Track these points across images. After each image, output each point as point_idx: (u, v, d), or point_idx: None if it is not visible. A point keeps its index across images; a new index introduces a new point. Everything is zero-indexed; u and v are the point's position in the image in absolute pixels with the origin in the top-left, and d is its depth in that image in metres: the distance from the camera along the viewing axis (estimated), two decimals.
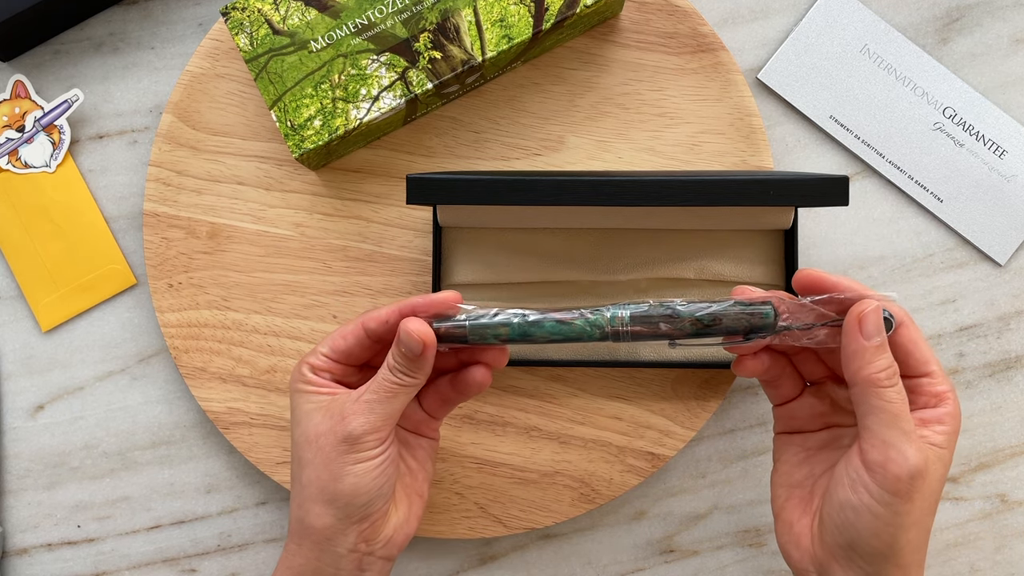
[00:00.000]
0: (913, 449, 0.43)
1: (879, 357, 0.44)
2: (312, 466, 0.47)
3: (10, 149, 0.63)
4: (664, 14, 0.61)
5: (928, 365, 0.46)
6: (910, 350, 0.46)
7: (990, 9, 0.63)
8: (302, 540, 0.47)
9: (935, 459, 0.44)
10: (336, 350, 0.49)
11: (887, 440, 0.43)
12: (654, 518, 0.62)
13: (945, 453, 0.45)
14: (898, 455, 0.43)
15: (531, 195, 0.51)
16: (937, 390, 0.46)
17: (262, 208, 0.61)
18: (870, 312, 0.44)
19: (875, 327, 0.44)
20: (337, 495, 0.46)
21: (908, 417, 0.44)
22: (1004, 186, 0.62)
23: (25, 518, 0.62)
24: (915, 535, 0.44)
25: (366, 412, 0.46)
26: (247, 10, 0.56)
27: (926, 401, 0.46)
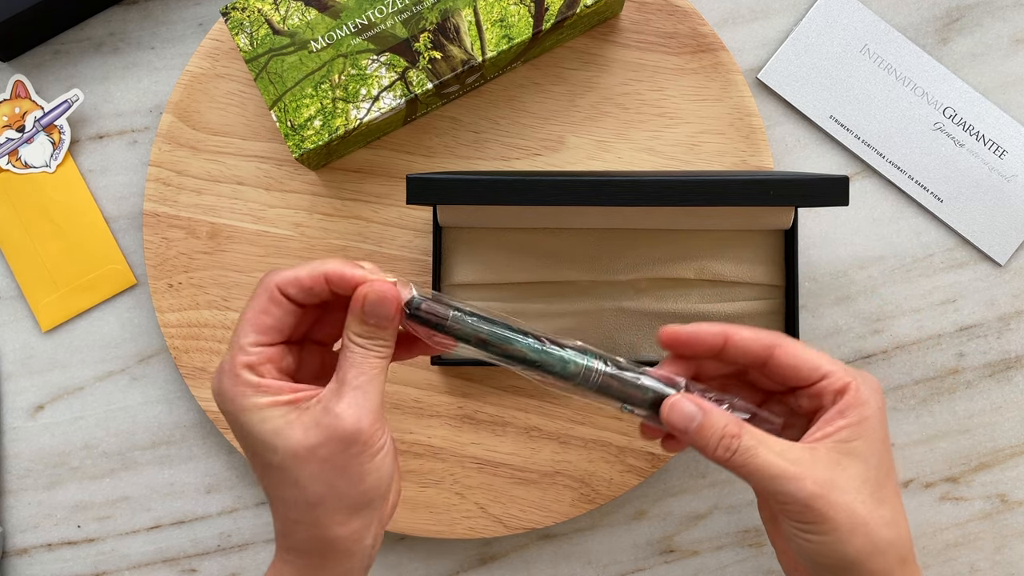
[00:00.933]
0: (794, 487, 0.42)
1: (705, 439, 0.44)
2: (319, 481, 0.42)
3: (10, 149, 0.63)
4: (664, 14, 0.61)
5: (818, 370, 0.45)
6: (794, 367, 0.46)
7: (990, 9, 0.63)
8: (326, 555, 0.43)
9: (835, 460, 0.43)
10: (264, 330, 0.42)
11: (767, 490, 0.43)
12: (654, 518, 0.62)
13: (855, 445, 0.44)
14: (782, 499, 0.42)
15: (531, 195, 0.51)
16: (837, 387, 0.45)
17: (262, 208, 0.61)
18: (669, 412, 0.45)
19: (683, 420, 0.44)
20: (363, 498, 0.43)
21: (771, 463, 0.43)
22: (1004, 186, 0.62)
23: (25, 518, 0.62)
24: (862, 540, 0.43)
25: (360, 401, 0.42)
26: (247, 10, 0.56)
27: (832, 400, 0.45)
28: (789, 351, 0.46)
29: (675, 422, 0.44)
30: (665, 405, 0.45)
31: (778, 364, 0.46)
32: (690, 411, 0.44)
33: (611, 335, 0.58)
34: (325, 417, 0.42)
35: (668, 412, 0.45)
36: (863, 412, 0.45)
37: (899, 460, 0.62)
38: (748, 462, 0.43)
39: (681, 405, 0.45)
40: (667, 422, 0.45)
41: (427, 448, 0.60)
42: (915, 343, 0.62)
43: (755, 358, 0.46)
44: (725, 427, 0.44)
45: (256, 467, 0.43)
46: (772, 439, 0.44)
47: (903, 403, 0.62)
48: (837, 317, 0.62)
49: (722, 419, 0.44)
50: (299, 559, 0.43)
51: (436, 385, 0.61)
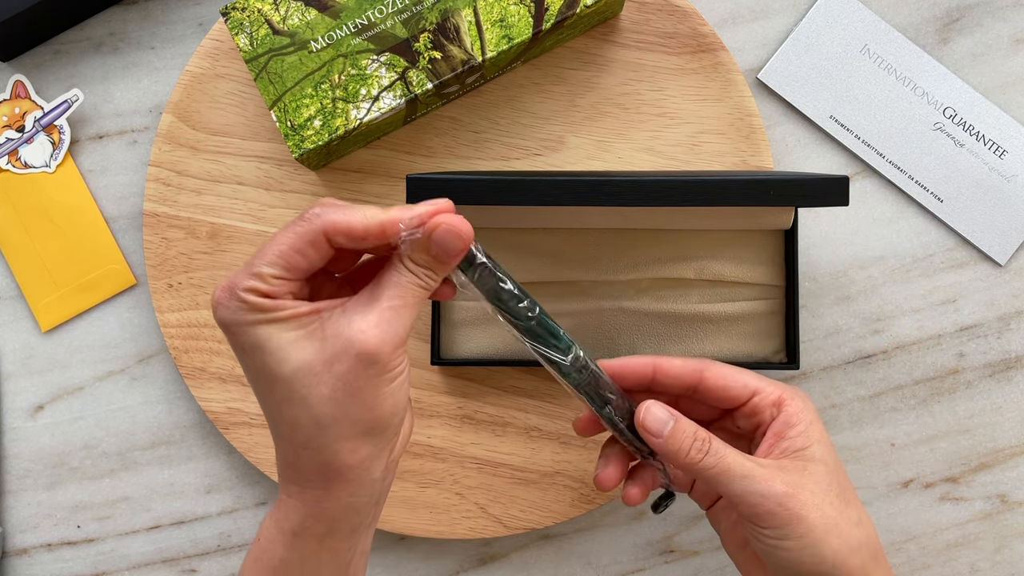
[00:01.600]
0: (764, 485, 0.43)
1: (678, 443, 0.45)
2: (331, 402, 0.39)
3: (10, 149, 0.63)
4: (664, 14, 0.61)
5: (748, 387, 0.47)
6: (724, 387, 0.48)
7: (990, 9, 0.63)
8: (332, 482, 0.40)
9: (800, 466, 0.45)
10: (293, 268, 0.39)
11: (740, 494, 0.44)
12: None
13: (812, 450, 0.45)
14: (758, 499, 0.43)
15: (531, 195, 0.51)
16: (771, 400, 0.47)
17: (262, 208, 0.61)
18: (645, 414, 0.46)
19: (657, 423, 0.46)
20: (376, 424, 0.40)
21: (742, 462, 0.44)
22: (1004, 186, 0.62)
23: (25, 518, 0.62)
24: (837, 540, 0.43)
25: (392, 323, 0.39)
26: (247, 10, 0.56)
27: (771, 414, 0.47)
28: (717, 372, 0.48)
29: (650, 425, 0.46)
30: (641, 408, 0.46)
31: (708, 387, 0.48)
32: (664, 415, 0.46)
33: (611, 335, 0.58)
34: (348, 329, 0.39)
35: (644, 415, 0.46)
36: (808, 418, 0.46)
37: (899, 460, 0.62)
38: (719, 463, 0.44)
39: (655, 409, 0.46)
40: (642, 425, 0.46)
41: (427, 448, 0.60)
42: (915, 343, 0.62)
43: (685, 385, 0.48)
44: (696, 432, 0.45)
45: (262, 386, 0.40)
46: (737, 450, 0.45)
47: (903, 403, 0.62)
48: (837, 317, 0.62)
49: (691, 425, 0.45)
50: (304, 491, 0.41)
51: (436, 385, 0.61)
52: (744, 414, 0.48)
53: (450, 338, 0.59)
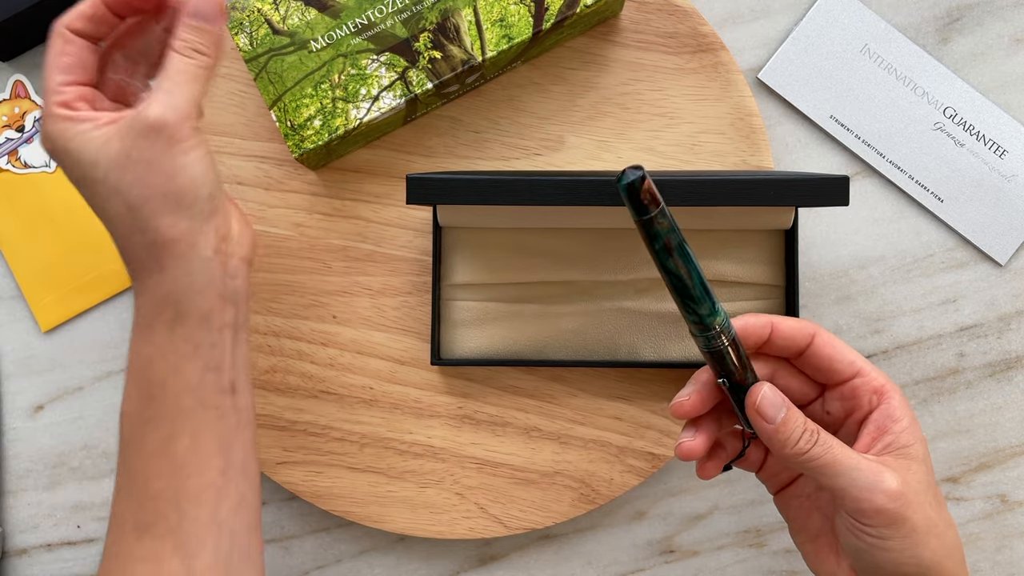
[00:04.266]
0: (873, 479, 0.42)
1: (789, 431, 0.44)
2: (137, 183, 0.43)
3: (10, 149, 0.63)
4: (664, 14, 0.61)
5: (854, 365, 0.46)
6: (830, 356, 0.46)
7: (990, 9, 0.63)
8: (163, 261, 0.44)
9: (905, 465, 0.43)
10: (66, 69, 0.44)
11: (846, 488, 0.43)
12: (654, 518, 0.62)
13: (914, 448, 0.44)
14: (866, 494, 0.42)
15: (531, 195, 0.51)
16: (874, 386, 0.46)
17: (262, 208, 0.61)
18: (761, 399, 0.44)
19: (772, 409, 0.44)
20: (182, 193, 0.43)
21: (847, 456, 0.43)
22: (1004, 186, 0.62)
23: (25, 518, 0.62)
24: (936, 541, 0.43)
25: (168, 99, 0.43)
26: (247, 10, 0.56)
27: (870, 401, 0.46)
28: (826, 340, 0.46)
29: (765, 410, 0.44)
30: (756, 391, 0.45)
31: (816, 353, 0.46)
32: (779, 401, 0.44)
33: (611, 335, 0.58)
34: (136, 120, 0.42)
35: (760, 400, 0.44)
36: (910, 413, 0.45)
37: None
38: (826, 453, 0.43)
39: (771, 394, 0.44)
40: (757, 409, 0.44)
41: (427, 448, 0.60)
42: (915, 343, 0.62)
43: (796, 348, 0.47)
44: (806, 421, 0.44)
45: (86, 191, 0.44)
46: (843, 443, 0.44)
47: None
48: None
49: (801, 414, 0.44)
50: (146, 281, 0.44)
51: (436, 385, 0.61)
52: (841, 395, 0.47)
53: (450, 338, 0.59)
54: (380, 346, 0.61)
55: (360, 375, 0.61)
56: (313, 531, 0.62)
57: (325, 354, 0.61)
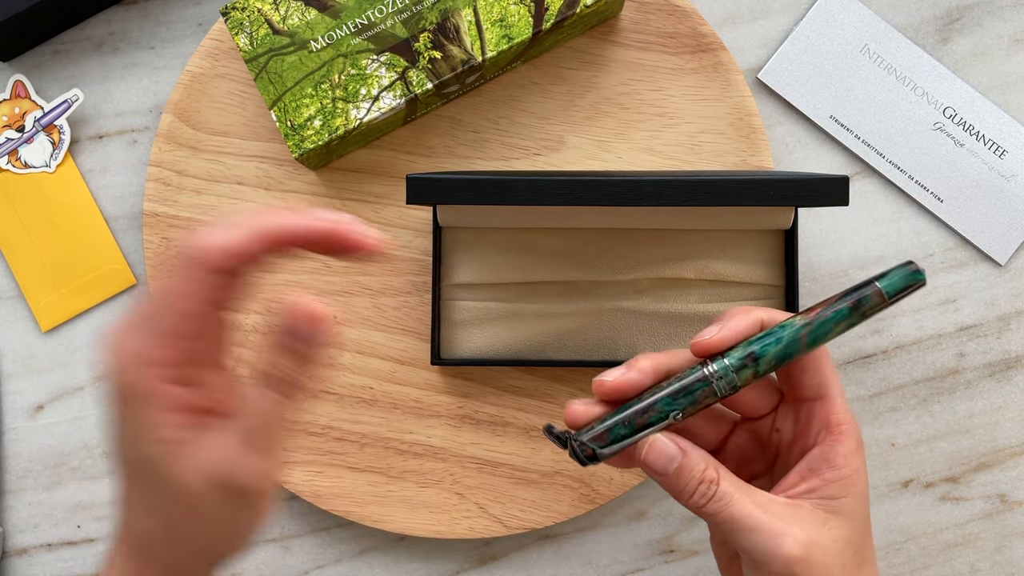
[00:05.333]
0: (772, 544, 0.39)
1: (682, 483, 0.40)
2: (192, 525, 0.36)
3: (10, 149, 0.63)
4: (664, 14, 0.61)
5: (823, 388, 0.41)
6: (803, 367, 0.42)
7: (990, 9, 0.63)
8: None
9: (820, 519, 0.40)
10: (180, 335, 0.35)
11: (744, 547, 0.39)
12: (654, 518, 0.62)
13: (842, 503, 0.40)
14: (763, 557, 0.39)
15: (531, 195, 0.51)
16: (830, 419, 0.41)
17: (262, 208, 0.61)
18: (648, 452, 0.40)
19: (664, 460, 0.40)
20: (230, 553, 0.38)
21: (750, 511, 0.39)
22: (1004, 186, 0.62)
23: (25, 518, 0.62)
24: None
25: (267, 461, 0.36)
26: (247, 10, 0.56)
27: (817, 434, 0.41)
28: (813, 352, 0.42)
29: (652, 462, 0.40)
30: (645, 444, 0.41)
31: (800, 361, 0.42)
32: (671, 451, 0.40)
33: (611, 335, 0.58)
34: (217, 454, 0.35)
35: (647, 451, 0.41)
36: (854, 465, 0.41)
37: (899, 460, 0.62)
38: (723, 509, 0.39)
39: (661, 444, 0.40)
40: (644, 462, 0.41)
41: (427, 448, 0.60)
42: (915, 343, 0.62)
43: None
44: (704, 471, 0.40)
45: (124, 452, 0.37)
46: (753, 489, 0.40)
47: (903, 403, 0.62)
48: None
49: (700, 462, 0.40)
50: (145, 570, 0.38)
51: (436, 385, 0.61)
52: (795, 414, 0.43)
53: (450, 338, 0.59)
54: (380, 346, 0.61)
55: (360, 375, 0.61)
56: (313, 531, 0.62)
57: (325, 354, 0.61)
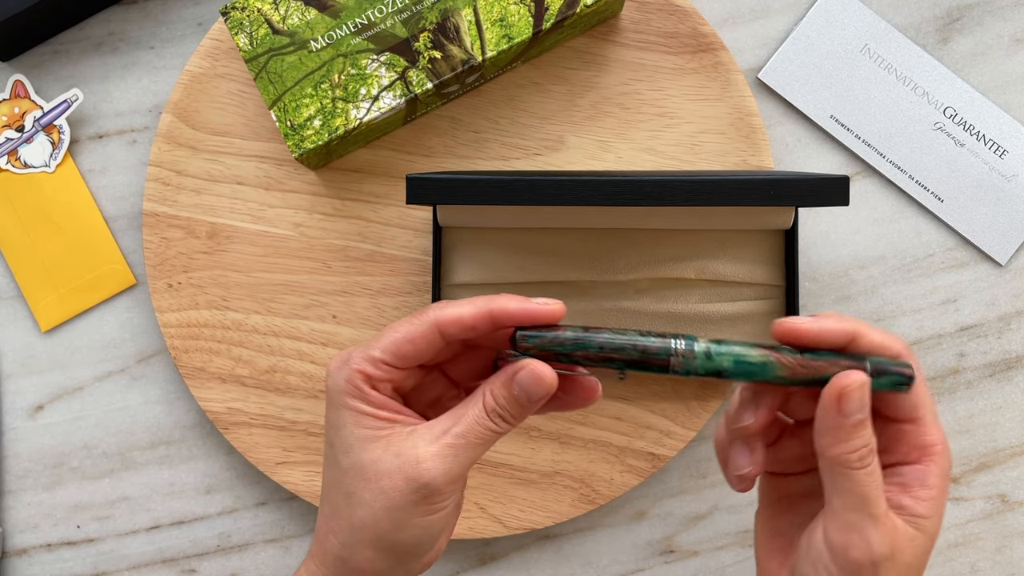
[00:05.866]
0: (879, 535, 0.39)
1: (855, 436, 0.39)
2: (369, 508, 0.40)
3: (9, 149, 0.63)
4: (664, 14, 0.61)
5: (917, 410, 0.41)
6: None
7: (991, 9, 0.63)
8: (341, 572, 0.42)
9: (910, 537, 0.40)
10: (402, 357, 0.40)
11: (851, 523, 0.39)
12: (654, 518, 0.62)
13: (928, 522, 0.40)
14: (861, 541, 0.39)
15: (531, 195, 0.51)
16: (923, 441, 0.41)
17: (262, 208, 0.61)
18: (855, 389, 0.39)
19: (858, 404, 0.39)
20: (397, 544, 0.41)
21: (878, 499, 0.39)
22: (1005, 186, 0.62)
23: (25, 518, 0.62)
24: None
25: (449, 460, 0.39)
26: (247, 10, 0.56)
27: (908, 454, 0.41)
28: None
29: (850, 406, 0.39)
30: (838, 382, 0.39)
31: None
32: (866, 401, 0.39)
33: None
34: (410, 451, 0.40)
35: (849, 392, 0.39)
36: (944, 486, 0.41)
37: None
38: (867, 482, 0.39)
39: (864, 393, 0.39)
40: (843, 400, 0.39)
41: None
42: (915, 343, 0.62)
43: None
44: (872, 439, 0.40)
45: (326, 460, 0.42)
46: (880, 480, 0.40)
47: None
48: None
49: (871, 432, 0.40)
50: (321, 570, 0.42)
51: None
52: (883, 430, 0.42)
53: None
54: None
55: None
56: (313, 531, 0.62)
57: (325, 354, 0.61)
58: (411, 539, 0.41)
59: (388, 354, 0.40)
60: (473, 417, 0.40)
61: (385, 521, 0.40)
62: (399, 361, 0.40)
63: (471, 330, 0.40)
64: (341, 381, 0.41)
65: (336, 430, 0.41)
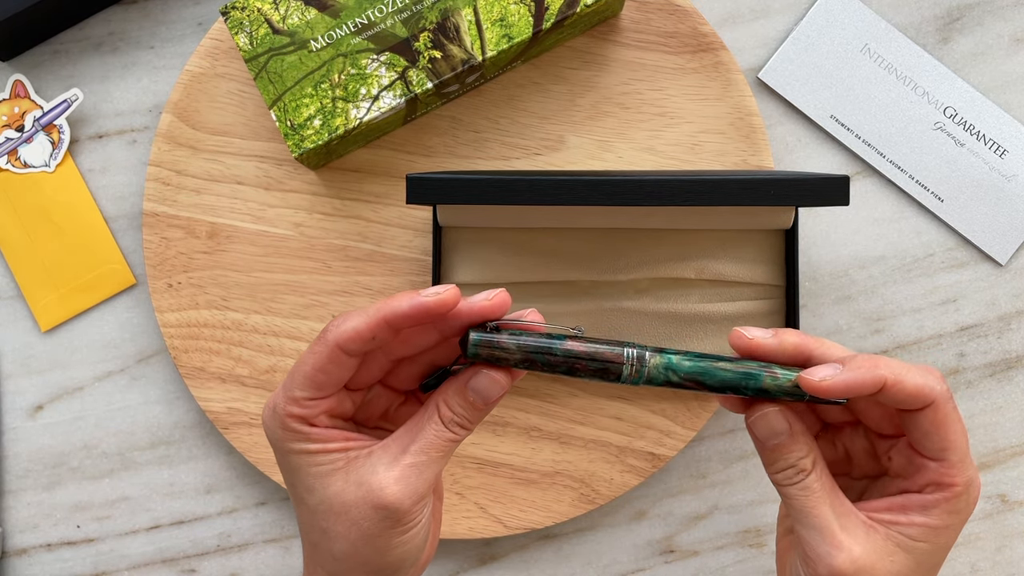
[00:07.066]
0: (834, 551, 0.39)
1: (777, 458, 0.41)
2: (346, 540, 0.40)
3: (9, 149, 0.62)
4: (664, 13, 0.61)
5: (944, 453, 0.40)
6: (929, 432, 0.40)
7: (991, 8, 0.63)
8: None
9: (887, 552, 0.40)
10: (320, 386, 0.40)
11: (803, 537, 0.40)
12: (654, 518, 0.62)
13: (918, 546, 0.40)
14: (816, 555, 0.40)
15: (531, 195, 0.51)
16: (944, 480, 0.40)
17: (262, 208, 0.61)
18: (757, 419, 0.41)
19: (766, 432, 0.41)
20: (384, 567, 0.41)
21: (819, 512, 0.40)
22: (1005, 186, 0.62)
23: (25, 518, 0.62)
24: None
25: (413, 479, 0.39)
26: (247, 9, 0.56)
27: (924, 487, 0.41)
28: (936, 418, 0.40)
29: (757, 430, 0.41)
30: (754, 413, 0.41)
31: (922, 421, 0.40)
32: (779, 427, 0.41)
33: (611, 335, 0.58)
34: (371, 478, 0.39)
35: (756, 418, 0.41)
36: (952, 523, 0.41)
37: None
38: (799, 498, 0.40)
39: (772, 418, 0.41)
40: (751, 426, 0.41)
41: None
42: (915, 343, 0.62)
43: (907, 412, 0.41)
44: (800, 459, 0.41)
45: (294, 503, 0.42)
46: (840, 495, 0.41)
47: None
48: (837, 317, 0.62)
49: (802, 449, 0.41)
50: None
51: None
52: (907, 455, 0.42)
53: None
54: None
55: None
56: None
57: None
58: (396, 559, 0.41)
59: (306, 389, 0.40)
60: (432, 432, 0.40)
61: (365, 549, 0.40)
62: (320, 392, 0.40)
63: (372, 340, 0.39)
64: (277, 430, 0.40)
65: (293, 474, 0.41)
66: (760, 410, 0.41)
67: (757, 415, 0.41)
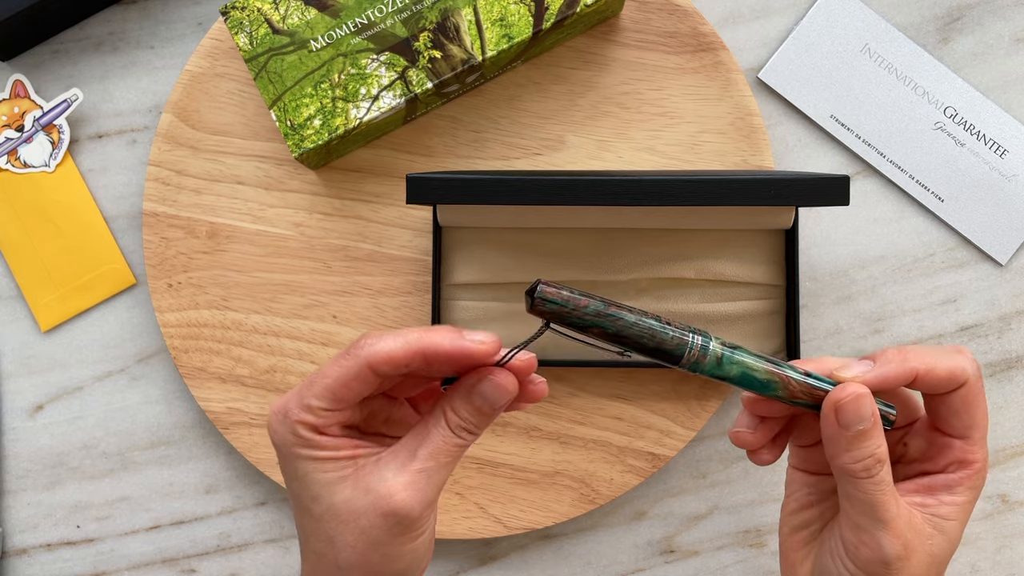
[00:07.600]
0: (889, 537, 0.40)
1: (856, 447, 0.40)
2: (353, 550, 0.39)
3: (9, 149, 0.62)
4: (664, 13, 0.61)
5: (970, 431, 0.42)
6: (959, 411, 0.42)
7: (991, 8, 0.63)
8: None
9: (926, 535, 0.41)
10: (339, 400, 0.39)
11: (860, 526, 0.41)
12: (654, 518, 0.62)
13: (949, 525, 0.42)
14: (870, 541, 0.41)
15: (531, 195, 0.51)
16: (966, 457, 0.42)
17: (261, 208, 0.61)
18: (848, 403, 0.40)
19: (854, 416, 0.40)
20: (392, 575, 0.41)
21: (887, 505, 0.40)
22: (1005, 186, 0.62)
23: (24, 518, 0.62)
24: None
25: (423, 485, 0.39)
26: (247, 9, 0.56)
27: (947, 466, 0.42)
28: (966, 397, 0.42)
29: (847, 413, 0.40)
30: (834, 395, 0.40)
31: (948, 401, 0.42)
32: (866, 413, 0.40)
33: None
34: (379, 486, 0.39)
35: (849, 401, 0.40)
36: (972, 496, 0.42)
37: None
38: (873, 492, 0.40)
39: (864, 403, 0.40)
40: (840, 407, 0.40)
41: None
42: (916, 343, 0.62)
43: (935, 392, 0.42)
44: (879, 447, 0.40)
45: (296, 510, 0.42)
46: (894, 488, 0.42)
47: None
48: (838, 317, 0.62)
49: (881, 439, 0.41)
50: None
51: None
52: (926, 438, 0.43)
53: None
54: None
55: None
56: None
57: (325, 354, 0.61)
58: (403, 567, 0.40)
59: (324, 400, 0.39)
60: (439, 437, 0.40)
61: (373, 557, 0.40)
62: (338, 405, 0.39)
63: (404, 367, 0.39)
64: (287, 435, 0.40)
65: (298, 481, 0.40)
66: (851, 392, 0.40)
67: (848, 398, 0.40)
